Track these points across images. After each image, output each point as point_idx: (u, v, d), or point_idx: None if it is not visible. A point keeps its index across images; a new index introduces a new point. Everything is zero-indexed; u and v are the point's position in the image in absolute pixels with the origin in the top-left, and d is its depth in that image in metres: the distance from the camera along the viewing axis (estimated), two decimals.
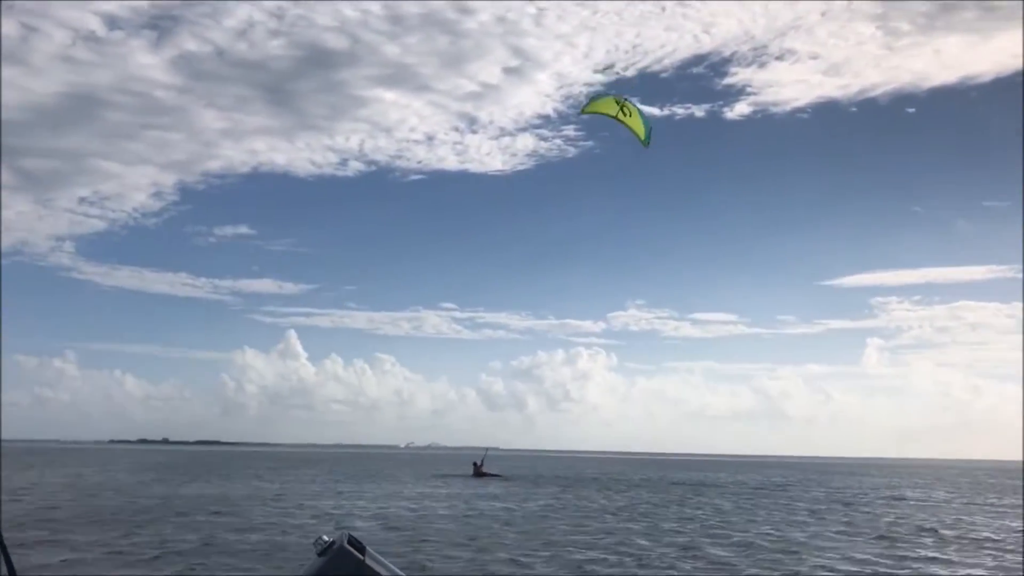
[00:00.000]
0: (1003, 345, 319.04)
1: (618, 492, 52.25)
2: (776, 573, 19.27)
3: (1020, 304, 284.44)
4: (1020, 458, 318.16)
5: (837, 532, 28.78)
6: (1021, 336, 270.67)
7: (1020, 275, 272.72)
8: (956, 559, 22.73)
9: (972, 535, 29.09)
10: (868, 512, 38.92)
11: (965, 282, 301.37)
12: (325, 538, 3.15)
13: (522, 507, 36.91)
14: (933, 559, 22.57)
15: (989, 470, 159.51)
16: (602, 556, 21.17)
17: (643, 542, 24.31)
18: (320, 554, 3.09)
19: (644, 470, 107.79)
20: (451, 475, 73.01)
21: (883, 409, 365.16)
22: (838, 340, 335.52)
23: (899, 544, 25.50)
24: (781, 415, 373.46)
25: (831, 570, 19.91)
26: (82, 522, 27.07)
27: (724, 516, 34.45)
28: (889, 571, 20.08)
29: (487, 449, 78.72)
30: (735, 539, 25.61)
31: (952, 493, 60.94)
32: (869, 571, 19.91)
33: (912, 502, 48.50)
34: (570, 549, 22.36)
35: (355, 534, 3.24)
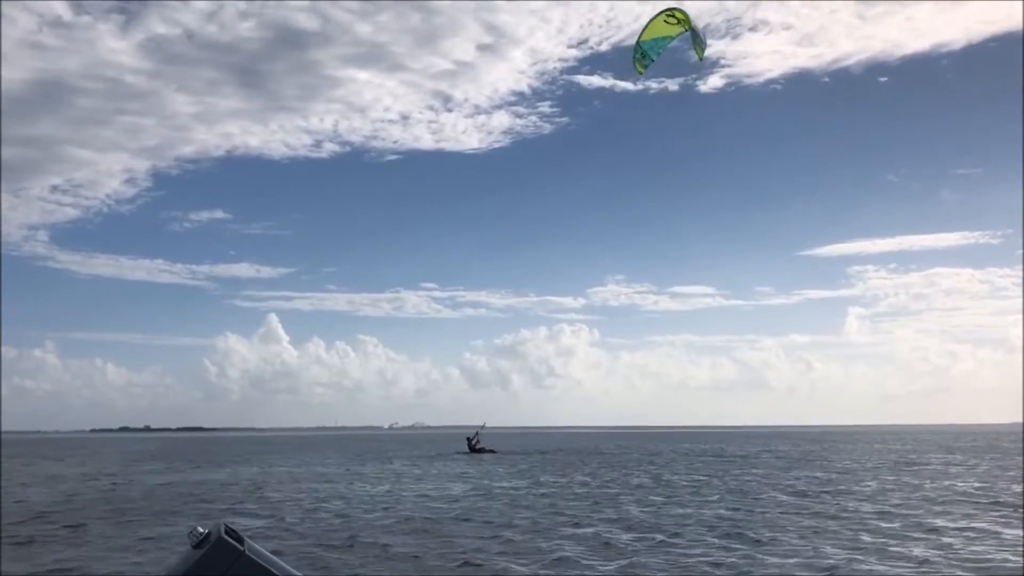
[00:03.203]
0: (977, 310, 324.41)
1: (639, 468, 52.23)
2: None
3: (994, 269, 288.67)
4: (998, 422, 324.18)
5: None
6: (1022, 301, 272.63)
7: (993, 241, 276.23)
8: None
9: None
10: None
11: (939, 249, 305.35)
12: (200, 529, 2.92)
13: (542, 485, 36.73)
14: None
15: (979, 435, 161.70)
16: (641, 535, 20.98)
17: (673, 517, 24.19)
18: (196, 546, 2.86)
19: (646, 443, 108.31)
20: (448, 453, 72.88)
21: (864, 376, 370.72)
22: (818, 310, 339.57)
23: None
24: (764, 385, 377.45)
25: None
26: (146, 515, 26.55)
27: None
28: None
29: (482, 425, 77.61)
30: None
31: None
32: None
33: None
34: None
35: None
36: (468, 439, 73.72)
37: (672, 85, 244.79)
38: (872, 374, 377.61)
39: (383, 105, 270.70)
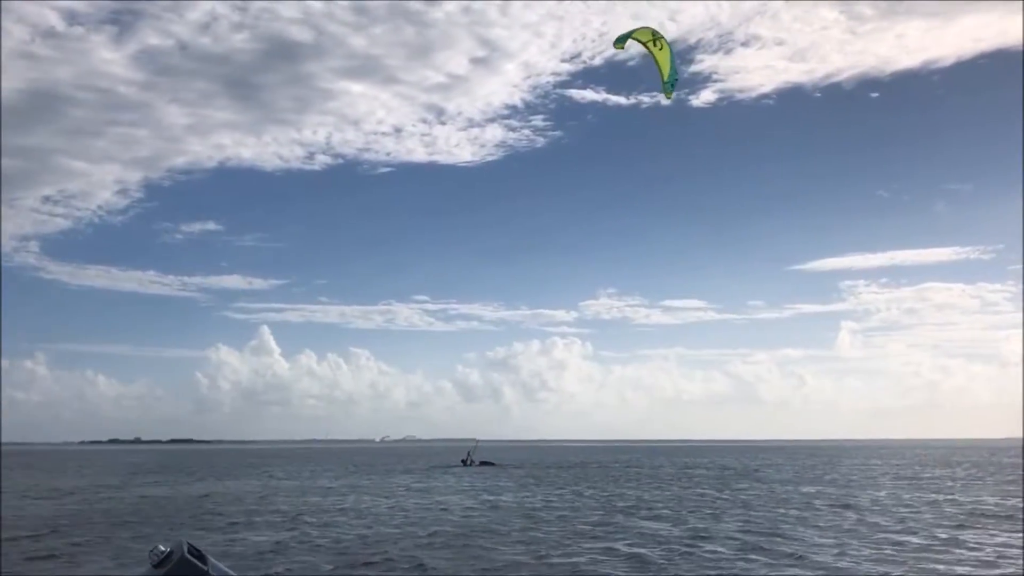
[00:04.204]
0: (969, 325, 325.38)
1: (649, 485, 51.95)
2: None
3: (985, 284, 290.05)
4: (990, 437, 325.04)
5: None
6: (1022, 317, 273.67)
7: (984, 256, 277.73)
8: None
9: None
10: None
11: (930, 264, 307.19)
12: (162, 548, 2.85)
13: (546, 498, 36.42)
14: None
15: (970, 450, 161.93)
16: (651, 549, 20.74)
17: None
18: (156, 566, 2.78)
19: (643, 457, 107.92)
20: (446, 466, 72.44)
21: (856, 391, 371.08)
22: (810, 324, 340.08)
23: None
24: (756, 400, 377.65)
25: None
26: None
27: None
28: None
29: (474, 443, 78.05)
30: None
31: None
32: None
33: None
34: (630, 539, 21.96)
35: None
36: (463, 460, 73.40)
37: (664, 99, 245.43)
38: (864, 388, 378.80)
39: (376, 118, 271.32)
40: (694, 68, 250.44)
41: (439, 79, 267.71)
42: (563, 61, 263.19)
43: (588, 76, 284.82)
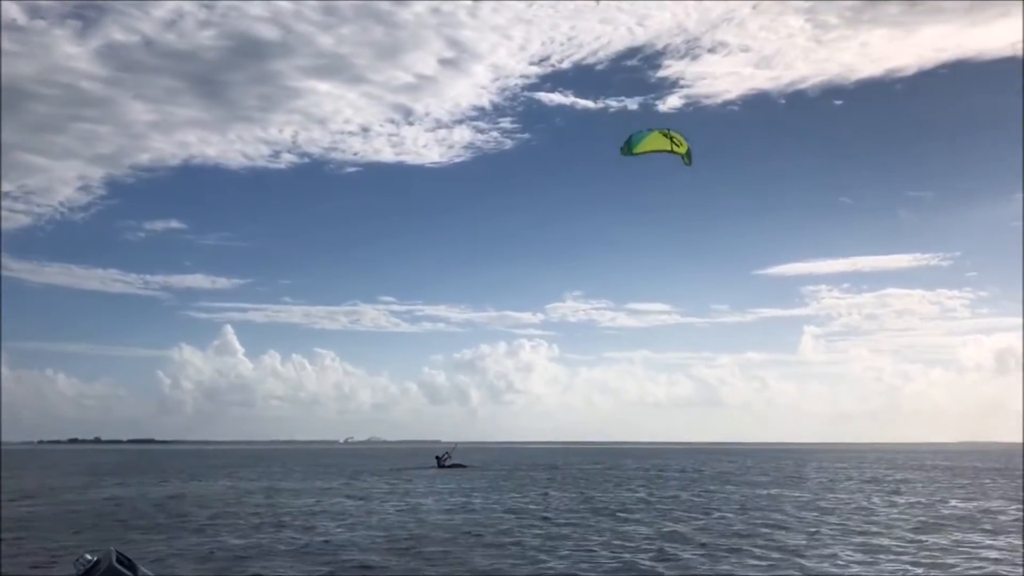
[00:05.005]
0: (928, 331, 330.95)
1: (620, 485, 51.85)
2: None
3: (943, 291, 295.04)
4: (946, 440, 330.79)
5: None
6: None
7: (943, 263, 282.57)
8: None
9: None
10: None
11: (891, 270, 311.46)
12: (88, 556, 2.71)
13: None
14: None
15: (933, 453, 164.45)
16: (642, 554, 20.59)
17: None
18: (83, 575, 2.63)
19: (612, 458, 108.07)
20: (416, 468, 71.91)
21: (818, 395, 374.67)
22: (774, 328, 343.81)
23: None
24: (719, 402, 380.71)
25: None
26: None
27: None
28: None
29: (453, 446, 78.55)
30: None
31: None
32: None
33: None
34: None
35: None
36: (437, 457, 73.18)
37: (632, 104, 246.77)
38: (826, 392, 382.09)
39: (343, 117, 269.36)
40: (661, 74, 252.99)
41: (407, 79, 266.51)
42: (531, 64, 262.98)
43: (556, 79, 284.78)
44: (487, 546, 20.59)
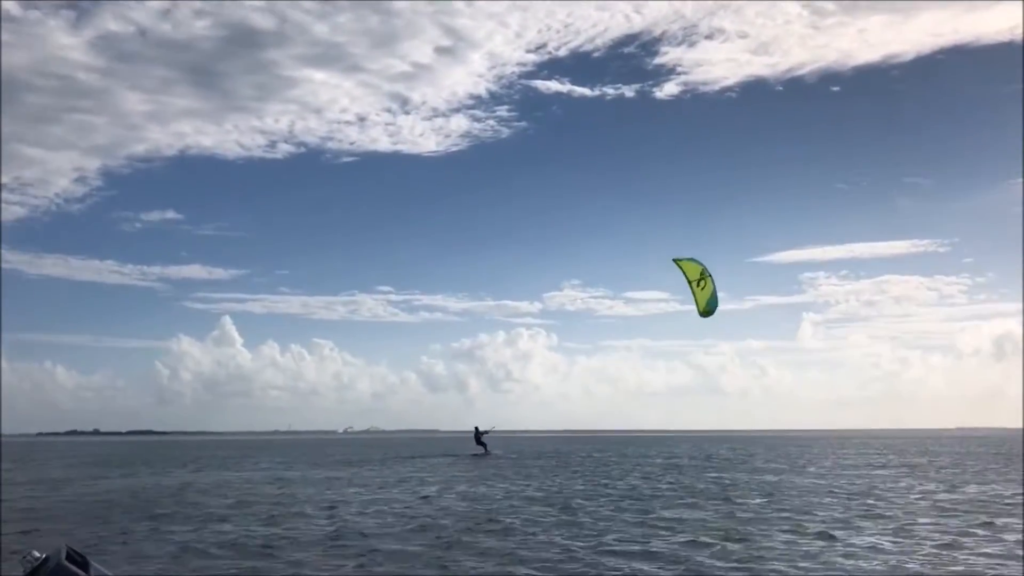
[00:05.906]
0: (926, 317, 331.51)
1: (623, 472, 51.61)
2: None
3: (941, 277, 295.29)
4: (946, 426, 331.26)
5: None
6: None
7: (940, 249, 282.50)
8: None
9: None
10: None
11: (888, 257, 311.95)
12: (36, 553, 2.65)
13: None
14: None
15: (932, 439, 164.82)
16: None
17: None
18: (30, 574, 2.61)
19: (616, 447, 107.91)
20: (420, 456, 71.54)
21: (816, 382, 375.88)
22: (772, 315, 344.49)
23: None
24: (718, 390, 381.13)
25: None
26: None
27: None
28: None
29: (494, 426, 74.60)
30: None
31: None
32: None
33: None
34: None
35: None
36: (476, 427, 71.29)
37: (628, 91, 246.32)
38: (825, 379, 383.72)
39: (339, 106, 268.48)
40: (658, 60, 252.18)
41: (403, 68, 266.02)
42: (528, 52, 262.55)
43: (553, 67, 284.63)
44: (511, 533, 20.29)
